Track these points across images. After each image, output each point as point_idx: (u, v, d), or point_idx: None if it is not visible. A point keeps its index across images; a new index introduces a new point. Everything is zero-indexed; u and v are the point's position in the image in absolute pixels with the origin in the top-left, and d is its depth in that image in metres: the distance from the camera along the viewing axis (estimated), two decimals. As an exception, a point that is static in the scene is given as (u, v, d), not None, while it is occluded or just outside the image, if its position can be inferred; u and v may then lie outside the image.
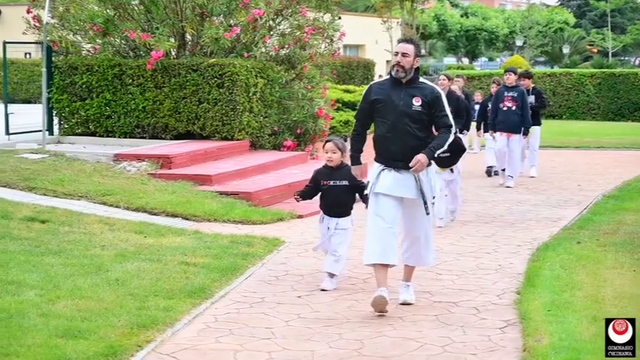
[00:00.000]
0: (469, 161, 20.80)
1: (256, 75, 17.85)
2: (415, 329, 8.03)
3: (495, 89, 18.88)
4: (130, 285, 9.00)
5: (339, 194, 9.49)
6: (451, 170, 12.83)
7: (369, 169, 8.96)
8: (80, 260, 9.83)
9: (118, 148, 16.97)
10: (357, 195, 9.46)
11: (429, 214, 8.57)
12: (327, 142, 9.66)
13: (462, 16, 79.45)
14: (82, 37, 18.79)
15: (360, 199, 9.38)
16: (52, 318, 7.74)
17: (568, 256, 10.60)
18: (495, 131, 17.68)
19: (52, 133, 18.42)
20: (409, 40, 8.70)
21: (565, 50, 75.17)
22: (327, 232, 9.56)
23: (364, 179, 9.01)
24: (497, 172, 18.32)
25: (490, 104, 18.32)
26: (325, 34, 19.36)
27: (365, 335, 7.85)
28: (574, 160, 22.86)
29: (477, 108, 20.88)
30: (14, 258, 9.69)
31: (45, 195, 13.42)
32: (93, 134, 18.25)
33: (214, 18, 18.26)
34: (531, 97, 18.60)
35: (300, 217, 13.62)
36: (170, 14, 18.34)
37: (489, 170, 18.95)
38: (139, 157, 15.69)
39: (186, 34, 18.58)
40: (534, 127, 18.94)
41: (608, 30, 77.90)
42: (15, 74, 32.16)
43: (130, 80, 17.84)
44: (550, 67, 69.32)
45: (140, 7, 18.63)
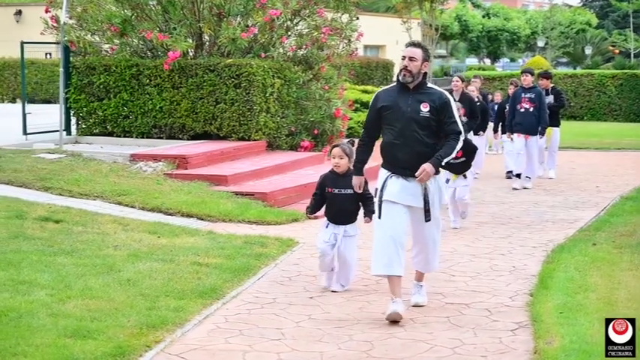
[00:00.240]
0: (489, 162, 20.76)
1: (273, 75, 17.85)
2: (426, 331, 7.99)
3: (513, 90, 18.80)
4: (142, 285, 8.99)
5: (344, 203, 9.24)
6: (464, 176, 12.59)
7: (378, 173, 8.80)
8: (92, 260, 9.83)
9: (135, 148, 17.01)
10: (361, 207, 9.24)
11: (429, 220, 8.34)
12: (334, 147, 9.45)
13: (483, 17, 79.18)
14: (99, 38, 18.84)
15: (364, 210, 9.19)
16: (61, 318, 7.75)
17: (583, 258, 10.53)
18: (513, 133, 17.57)
19: (69, 133, 18.49)
20: (417, 44, 8.48)
21: (587, 51, 74.77)
22: (332, 239, 9.29)
23: (371, 182, 8.82)
24: (518, 175, 17.98)
25: (507, 105, 18.22)
26: (343, 34, 19.32)
27: (375, 337, 7.81)
28: (594, 162, 22.72)
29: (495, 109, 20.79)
30: (27, 258, 9.70)
31: (60, 195, 13.45)
32: (110, 134, 18.31)
33: (232, 18, 18.26)
34: (550, 97, 18.41)
35: (316, 217, 13.54)
36: (187, 14, 18.36)
37: (509, 175, 18.74)
38: (155, 158, 15.71)
39: (204, 34, 18.59)
40: (553, 129, 18.80)
41: (630, 31, 77.39)
42: (35, 74, 32.28)
43: (148, 80, 17.88)
44: (573, 68, 69.01)
45: (157, 7, 18.66)
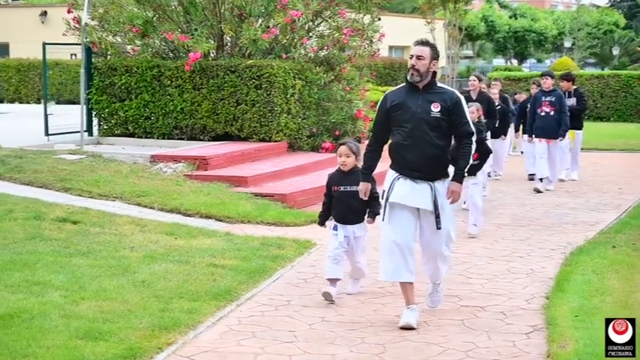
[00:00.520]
0: (511, 163, 20.68)
1: (294, 76, 17.83)
2: (439, 334, 7.93)
3: (535, 90, 18.66)
4: (156, 287, 8.98)
5: (350, 200, 9.01)
6: (474, 175, 12.37)
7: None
8: (108, 261, 9.84)
9: (156, 149, 17.03)
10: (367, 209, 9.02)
11: (440, 228, 8.08)
12: (340, 146, 9.26)
13: (510, 18, 78.82)
14: (121, 39, 18.88)
15: (368, 211, 9.00)
16: (73, 319, 7.75)
17: (601, 261, 10.43)
18: (532, 136, 17.41)
19: (91, 134, 18.56)
20: (425, 42, 8.22)
21: (615, 52, 74.31)
22: (344, 241, 9.08)
23: (379, 188, 8.61)
24: (541, 179, 17.69)
25: (529, 105, 18.07)
26: (364, 35, 19.27)
27: (387, 340, 7.76)
28: (618, 163, 22.54)
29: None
30: (42, 259, 9.73)
31: (80, 196, 13.49)
32: (132, 135, 18.36)
33: (253, 19, 18.25)
34: (573, 100, 18.21)
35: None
36: (209, 15, 18.39)
37: (532, 177, 18.55)
38: (175, 159, 15.72)
39: (225, 35, 18.60)
40: (576, 132, 18.65)
41: (658, 32, 77.03)
42: (60, 75, 32.40)
43: (169, 81, 17.91)
44: (600, 69, 68.61)
45: (179, 8, 18.68)
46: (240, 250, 10.83)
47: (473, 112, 12.69)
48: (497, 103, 18.12)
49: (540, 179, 17.19)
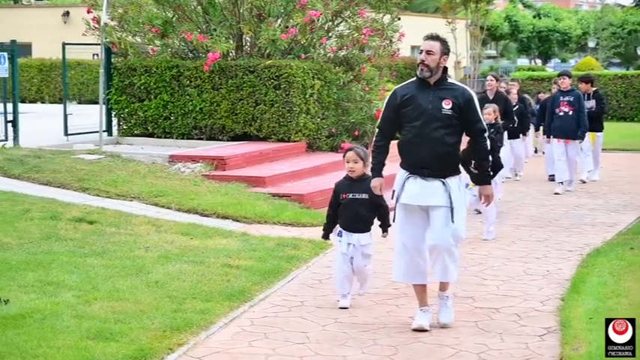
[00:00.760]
0: (532, 164, 20.59)
1: (313, 76, 17.80)
2: (452, 335, 7.88)
3: (556, 89, 18.51)
4: (169, 287, 8.97)
5: (358, 208, 8.71)
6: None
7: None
8: (122, 262, 9.84)
9: (175, 149, 17.05)
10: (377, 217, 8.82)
11: (454, 222, 7.91)
12: (347, 151, 8.83)
13: (534, 17, 78.54)
14: (140, 39, 18.90)
15: (379, 221, 8.79)
16: (85, 319, 7.75)
17: (619, 262, 10.34)
18: (551, 137, 17.20)
19: (110, 134, 18.60)
20: (435, 37, 8.04)
21: (639, 52, 73.88)
22: (347, 249, 8.85)
23: (387, 191, 8.38)
24: (561, 182, 17.52)
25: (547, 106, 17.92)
26: (384, 35, 19.20)
27: (400, 341, 7.72)
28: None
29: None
30: (57, 259, 9.74)
31: (98, 196, 13.52)
32: (151, 135, 18.40)
33: (272, 19, 18.22)
34: (592, 102, 18.01)
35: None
36: (228, 15, 18.39)
37: (553, 179, 18.38)
38: (193, 159, 15.72)
39: (244, 35, 18.59)
40: (597, 134, 18.47)
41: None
42: (81, 75, 32.50)
43: (188, 82, 17.92)
44: (625, 69, 68.24)
45: (198, 8, 18.68)
46: (256, 251, 10.81)
47: (490, 113, 12.63)
48: (515, 103, 18.07)
49: (561, 182, 17.00)
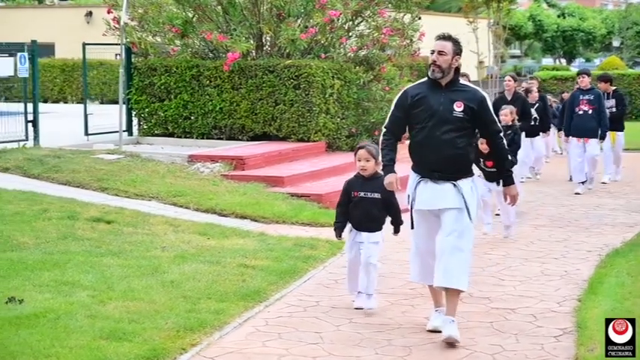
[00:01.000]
0: (553, 164, 20.49)
1: (333, 76, 17.77)
2: (467, 336, 7.81)
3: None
4: (185, 287, 8.95)
5: (370, 207, 8.58)
6: (497, 183, 12.04)
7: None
8: (138, 261, 9.83)
9: (195, 149, 17.06)
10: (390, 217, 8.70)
11: (471, 220, 7.78)
12: (359, 149, 8.67)
13: (558, 17, 78.23)
14: (161, 39, 18.93)
15: (392, 222, 8.69)
16: (99, 319, 7.74)
17: (637, 263, 10.26)
18: (569, 136, 16.97)
19: (131, 133, 18.64)
20: (447, 37, 7.88)
21: (664, 51, 73.53)
22: (356, 246, 8.72)
23: (401, 191, 8.21)
24: (583, 182, 17.35)
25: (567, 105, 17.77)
26: (405, 34, 19.15)
27: (414, 342, 7.68)
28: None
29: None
30: (73, 258, 9.75)
31: (116, 195, 13.54)
32: (171, 135, 18.42)
33: (291, 19, 18.19)
34: (612, 102, 17.82)
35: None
36: (248, 15, 18.39)
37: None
38: (212, 158, 15.72)
39: (264, 35, 18.58)
40: (617, 133, 18.30)
41: None
42: (104, 75, 32.53)
43: (208, 81, 17.93)
44: (650, 68, 67.79)
45: (218, 8, 18.68)
46: (273, 251, 10.79)
47: (507, 114, 12.55)
48: (535, 101, 17.97)
49: (582, 182, 16.87)
